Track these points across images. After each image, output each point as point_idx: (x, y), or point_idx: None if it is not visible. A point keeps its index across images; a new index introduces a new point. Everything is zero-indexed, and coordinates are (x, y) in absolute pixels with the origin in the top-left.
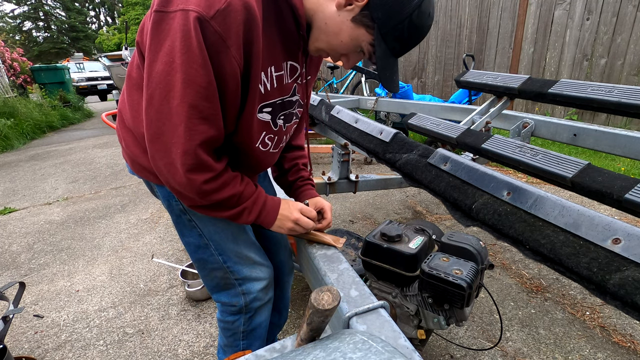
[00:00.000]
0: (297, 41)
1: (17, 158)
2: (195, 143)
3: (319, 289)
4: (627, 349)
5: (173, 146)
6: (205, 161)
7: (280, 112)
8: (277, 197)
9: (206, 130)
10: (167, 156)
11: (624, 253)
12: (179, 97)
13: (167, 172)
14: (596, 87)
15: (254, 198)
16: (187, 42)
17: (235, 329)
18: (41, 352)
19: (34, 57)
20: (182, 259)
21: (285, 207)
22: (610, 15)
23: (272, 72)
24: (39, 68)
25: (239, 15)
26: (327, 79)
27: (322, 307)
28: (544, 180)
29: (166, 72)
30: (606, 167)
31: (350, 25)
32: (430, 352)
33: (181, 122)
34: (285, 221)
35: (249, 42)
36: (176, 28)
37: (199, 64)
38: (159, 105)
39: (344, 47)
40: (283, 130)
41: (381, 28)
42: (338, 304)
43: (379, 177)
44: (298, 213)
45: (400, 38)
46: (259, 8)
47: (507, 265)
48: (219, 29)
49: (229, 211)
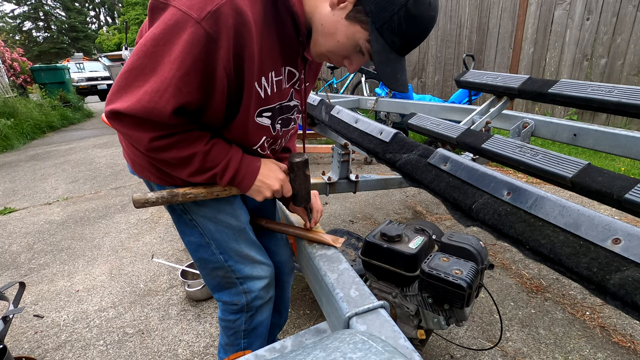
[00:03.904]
0: (296, 47)
1: (17, 158)
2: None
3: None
4: (627, 349)
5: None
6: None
7: (278, 117)
8: (257, 161)
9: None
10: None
11: (624, 253)
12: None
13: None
14: (596, 87)
15: (225, 162)
16: (174, 37)
17: (236, 327)
18: (41, 352)
19: (34, 57)
20: (182, 259)
21: (265, 173)
22: (610, 15)
23: (272, 77)
24: (39, 68)
25: (230, 18)
26: (327, 79)
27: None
28: (544, 180)
29: (158, 38)
30: (606, 167)
31: (344, 23)
32: (430, 352)
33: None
34: (264, 189)
35: (240, 46)
36: (165, 20)
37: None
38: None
39: (342, 48)
40: (280, 134)
41: (375, 21)
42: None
43: (379, 177)
44: (277, 183)
45: (398, 31)
46: (254, 13)
47: (507, 265)
48: (210, 30)
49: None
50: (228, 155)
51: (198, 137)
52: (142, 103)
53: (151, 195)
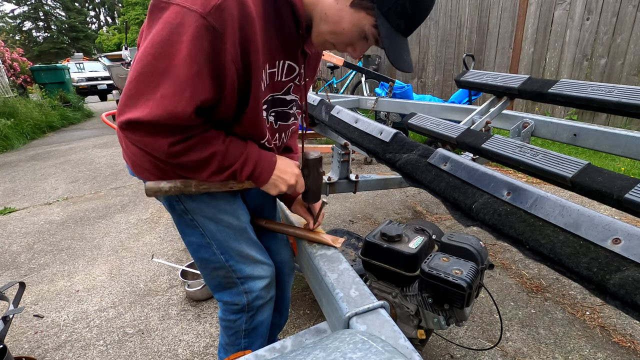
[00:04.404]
0: (296, 40)
1: (17, 158)
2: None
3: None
4: (627, 349)
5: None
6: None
7: (271, 109)
8: (273, 155)
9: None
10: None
11: (624, 253)
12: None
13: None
14: (596, 87)
15: (243, 157)
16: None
17: (237, 327)
18: (41, 352)
19: (34, 57)
20: (182, 259)
21: (281, 167)
22: (610, 15)
23: (266, 69)
24: (39, 68)
25: (234, 11)
26: (327, 79)
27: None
28: (544, 180)
29: (166, 37)
30: (606, 167)
31: (349, 11)
32: (430, 352)
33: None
34: (281, 184)
35: (246, 39)
36: (169, 19)
37: (197, 48)
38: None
39: (346, 35)
40: (275, 127)
41: (381, 6)
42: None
43: (379, 177)
44: (293, 178)
45: (403, 13)
46: (255, 5)
47: (507, 265)
48: (215, 24)
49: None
50: (246, 151)
51: (214, 137)
52: (162, 108)
53: (164, 184)
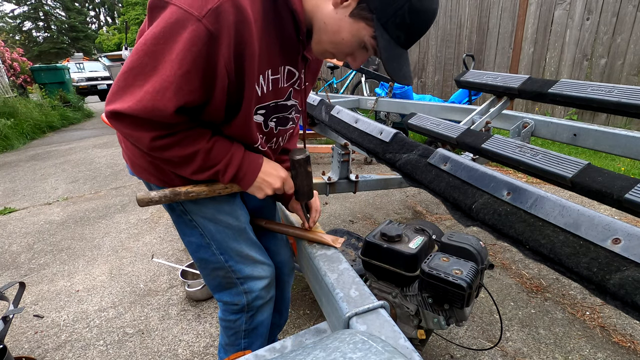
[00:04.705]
0: (296, 46)
1: (17, 158)
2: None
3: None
4: (627, 349)
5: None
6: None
7: (272, 115)
8: (259, 158)
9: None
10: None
11: (624, 253)
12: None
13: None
14: (596, 87)
15: (227, 159)
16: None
17: (237, 327)
18: (41, 352)
19: (34, 57)
20: (182, 259)
21: (266, 170)
22: (610, 15)
23: (268, 75)
24: (39, 68)
25: (231, 16)
26: (327, 79)
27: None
28: (544, 180)
29: (160, 35)
30: (606, 167)
31: (348, 21)
32: (430, 352)
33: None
34: (265, 187)
35: (241, 44)
36: (166, 19)
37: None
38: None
39: (346, 45)
40: (274, 132)
41: (380, 17)
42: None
43: (379, 177)
44: (279, 181)
45: (402, 25)
46: (254, 11)
47: (507, 265)
48: (211, 27)
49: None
50: (230, 152)
51: (200, 135)
52: (143, 103)
53: (154, 194)
